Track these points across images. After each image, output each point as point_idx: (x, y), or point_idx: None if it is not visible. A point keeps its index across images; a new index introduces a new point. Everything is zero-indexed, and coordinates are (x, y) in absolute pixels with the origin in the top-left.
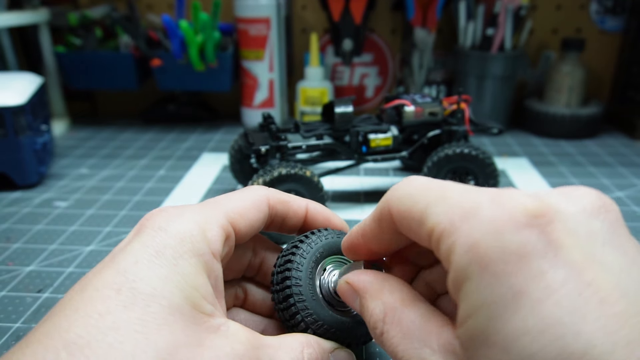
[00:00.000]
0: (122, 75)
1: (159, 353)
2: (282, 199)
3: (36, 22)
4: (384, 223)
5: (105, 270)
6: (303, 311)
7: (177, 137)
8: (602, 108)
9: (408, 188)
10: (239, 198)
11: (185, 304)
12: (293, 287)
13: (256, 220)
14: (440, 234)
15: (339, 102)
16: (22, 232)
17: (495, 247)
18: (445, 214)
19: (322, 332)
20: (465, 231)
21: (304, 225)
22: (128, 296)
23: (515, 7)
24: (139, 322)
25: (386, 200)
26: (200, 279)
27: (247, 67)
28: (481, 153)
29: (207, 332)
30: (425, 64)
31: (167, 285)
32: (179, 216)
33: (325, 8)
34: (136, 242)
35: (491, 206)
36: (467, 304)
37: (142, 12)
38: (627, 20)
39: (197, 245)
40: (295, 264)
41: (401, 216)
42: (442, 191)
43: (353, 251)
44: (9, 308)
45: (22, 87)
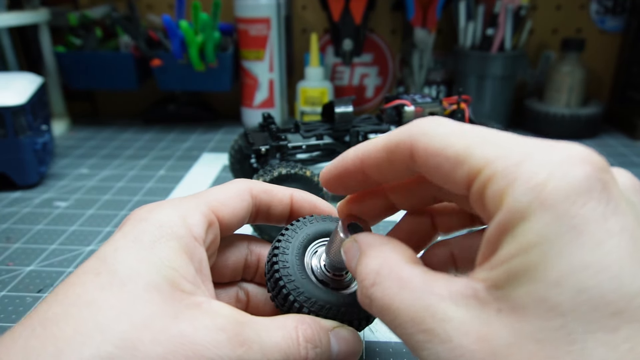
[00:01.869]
0: (122, 75)
1: (133, 323)
2: (266, 189)
3: (36, 22)
4: (396, 155)
5: (88, 261)
6: (294, 291)
7: (177, 137)
8: (602, 108)
9: (440, 126)
10: (221, 189)
11: (163, 282)
12: (281, 270)
13: (240, 209)
14: (491, 175)
15: (339, 102)
16: (22, 232)
17: (563, 187)
18: (498, 155)
19: (317, 310)
20: (527, 171)
21: (290, 214)
22: (106, 278)
23: (515, 7)
24: (115, 298)
25: (409, 134)
26: (179, 259)
27: (247, 67)
28: None
29: (185, 308)
30: (425, 64)
31: (143, 266)
32: (160, 207)
33: (325, 8)
34: (118, 233)
35: (553, 150)
36: (519, 242)
37: (142, 12)
38: (627, 20)
39: (175, 229)
40: (281, 249)
41: (429, 154)
42: (485, 134)
43: (342, 176)
44: (9, 308)
45: (22, 87)
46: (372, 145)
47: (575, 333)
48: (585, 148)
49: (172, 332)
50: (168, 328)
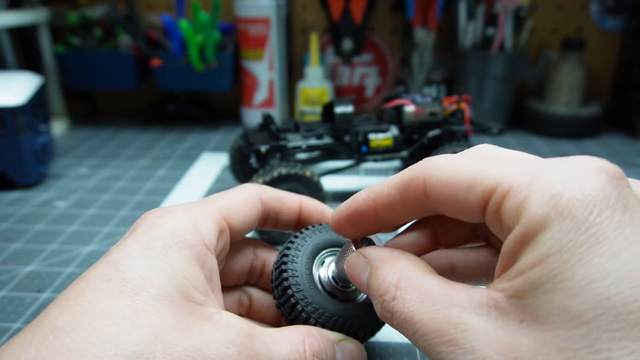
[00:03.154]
0: (122, 75)
1: (145, 336)
2: (275, 195)
3: (36, 22)
4: (410, 192)
5: (98, 265)
6: (302, 301)
7: (177, 137)
8: (602, 108)
9: (450, 160)
10: (231, 195)
11: (175, 292)
12: (290, 279)
13: (250, 216)
14: (506, 191)
15: (339, 102)
16: (21, 232)
17: (580, 197)
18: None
19: (324, 321)
20: (544, 183)
21: (298, 221)
22: (117, 286)
23: (515, 7)
24: (127, 308)
25: (421, 169)
26: (191, 268)
27: (247, 67)
28: None
29: (196, 319)
30: (425, 64)
31: (155, 275)
32: (171, 213)
33: (325, 8)
34: (129, 238)
35: (568, 164)
36: (538, 252)
37: (142, 11)
38: (627, 20)
39: (188, 237)
40: (291, 257)
41: (442, 184)
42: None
43: (353, 218)
44: (8, 308)
45: (22, 87)
46: (384, 185)
47: (599, 342)
48: (599, 159)
49: (184, 345)
50: (180, 341)
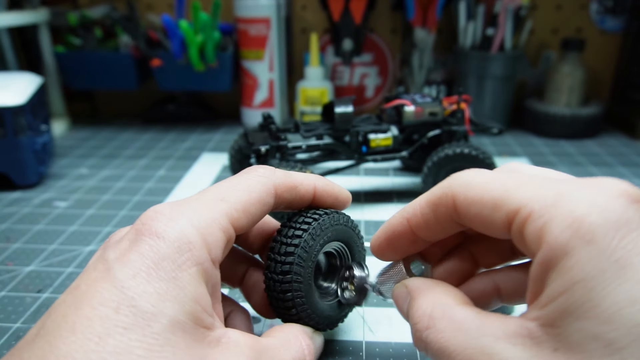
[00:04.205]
0: (122, 75)
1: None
2: (289, 186)
3: (36, 22)
4: (441, 209)
5: (101, 284)
6: (299, 306)
7: (177, 137)
8: (602, 108)
9: (477, 176)
10: (245, 189)
11: (187, 320)
12: (294, 284)
13: (259, 214)
14: (528, 214)
15: (339, 102)
16: (22, 232)
17: (601, 222)
18: (533, 196)
19: (310, 323)
20: (564, 207)
21: (312, 203)
22: (127, 315)
23: (515, 7)
24: (140, 344)
25: (449, 186)
26: (199, 290)
27: (247, 67)
28: (481, 153)
29: (209, 348)
30: (425, 64)
31: (167, 302)
32: (177, 219)
33: (325, 8)
34: (134, 252)
35: (588, 187)
36: (565, 279)
37: (142, 12)
38: (627, 20)
39: (196, 253)
40: (298, 258)
41: (469, 202)
42: (520, 178)
43: (392, 241)
44: (8, 308)
45: (22, 87)
46: (416, 204)
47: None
48: (619, 181)
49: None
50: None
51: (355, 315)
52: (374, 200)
